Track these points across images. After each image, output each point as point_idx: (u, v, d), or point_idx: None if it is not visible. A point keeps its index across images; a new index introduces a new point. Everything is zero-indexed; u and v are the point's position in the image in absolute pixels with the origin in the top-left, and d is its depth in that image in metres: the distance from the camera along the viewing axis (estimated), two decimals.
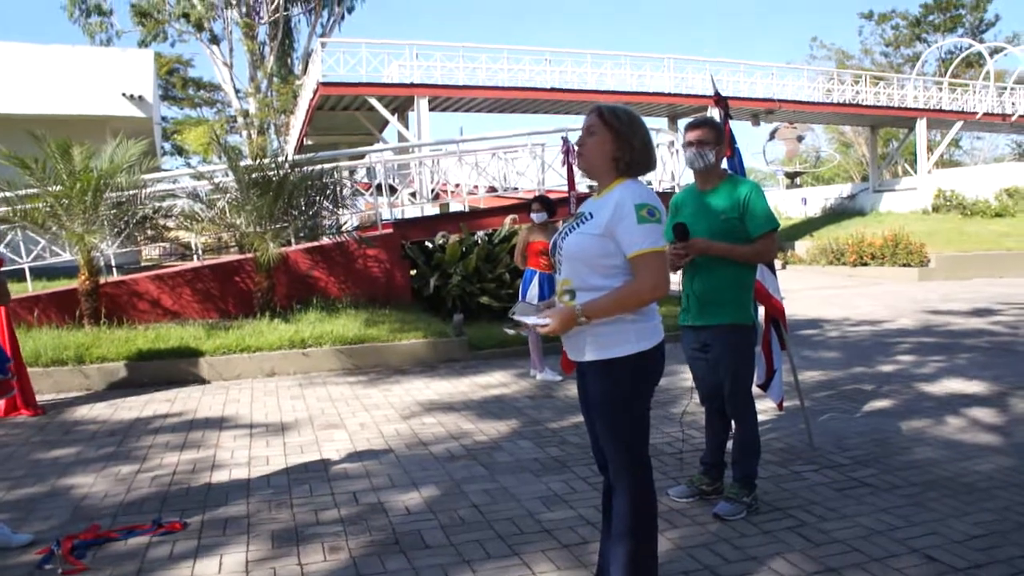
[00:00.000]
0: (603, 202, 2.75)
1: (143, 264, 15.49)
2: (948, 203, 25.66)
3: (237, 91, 32.55)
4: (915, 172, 31.02)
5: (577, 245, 2.74)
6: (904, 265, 20.08)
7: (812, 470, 4.69)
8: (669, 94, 24.75)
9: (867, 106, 28.01)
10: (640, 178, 2.82)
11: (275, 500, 4.33)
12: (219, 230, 9.87)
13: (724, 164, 4.29)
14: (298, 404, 6.87)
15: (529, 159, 13.56)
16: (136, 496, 4.49)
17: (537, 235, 7.95)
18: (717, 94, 5.24)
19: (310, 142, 25.81)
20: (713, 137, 3.96)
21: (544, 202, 7.93)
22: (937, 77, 34.09)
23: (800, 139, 45.36)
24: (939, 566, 3.34)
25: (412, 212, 14.39)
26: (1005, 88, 31.58)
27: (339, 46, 21.54)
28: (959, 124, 30.12)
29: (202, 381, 7.95)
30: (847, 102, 27.94)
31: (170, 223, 10.09)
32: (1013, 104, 30.77)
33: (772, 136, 42.09)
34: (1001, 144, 54.80)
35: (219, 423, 6.22)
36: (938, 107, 29.36)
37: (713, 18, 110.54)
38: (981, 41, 41.50)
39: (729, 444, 4.23)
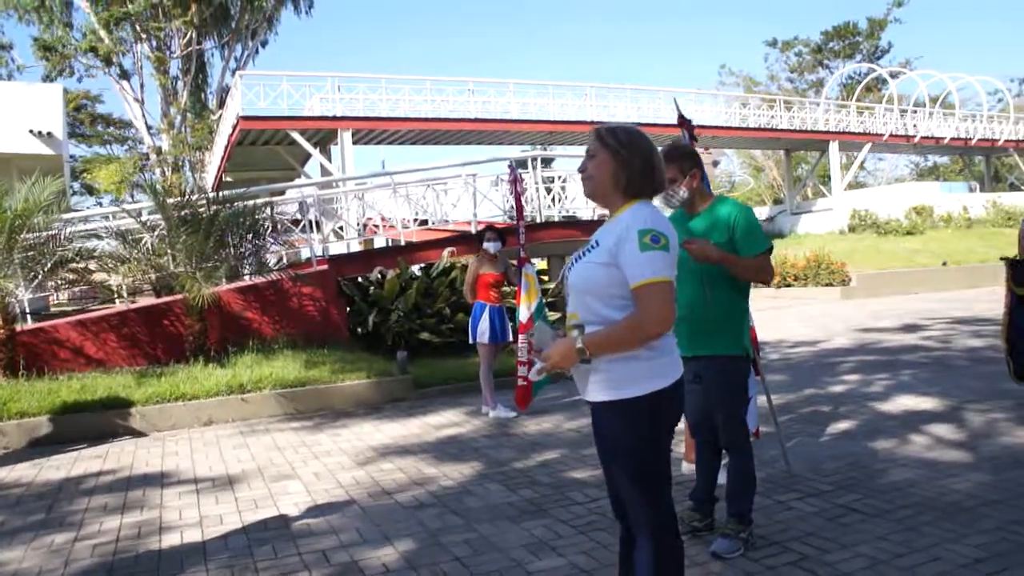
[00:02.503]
0: (610, 228, 2.56)
1: (52, 310, 14.63)
2: (863, 223, 26.55)
3: (149, 127, 31.47)
4: (827, 193, 32.09)
5: (583, 275, 2.54)
6: (827, 284, 20.59)
7: (797, 498, 4.57)
8: (591, 122, 24.95)
9: (783, 130, 28.87)
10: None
11: (237, 564, 3.95)
12: (145, 271, 9.33)
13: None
14: (243, 454, 6.45)
15: (461, 190, 13.38)
16: (77, 569, 4.04)
17: (487, 267, 7.74)
18: (681, 117, 5.14)
19: (229, 178, 25.10)
20: (676, 171, 3.77)
21: (497, 231, 7.73)
22: (841, 101, 35.43)
23: (715, 164, 46.62)
24: None
25: (339, 248, 13.98)
26: (906, 111, 33.05)
27: (259, 79, 21.06)
28: (868, 146, 31.33)
29: (135, 433, 7.42)
30: (763, 126, 28.73)
31: (91, 265, 9.50)
32: (915, 126, 32.20)
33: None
34: (901, 164, 57.51)
35: (159, 479, 5.76)
36: (848, 130, 30.48)
37: (624, 47, 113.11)
38: (874, 69, 43.47)
39: (720, 477, 4.06)
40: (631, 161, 2.55)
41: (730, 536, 3.78)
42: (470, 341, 7.84)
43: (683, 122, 5.05)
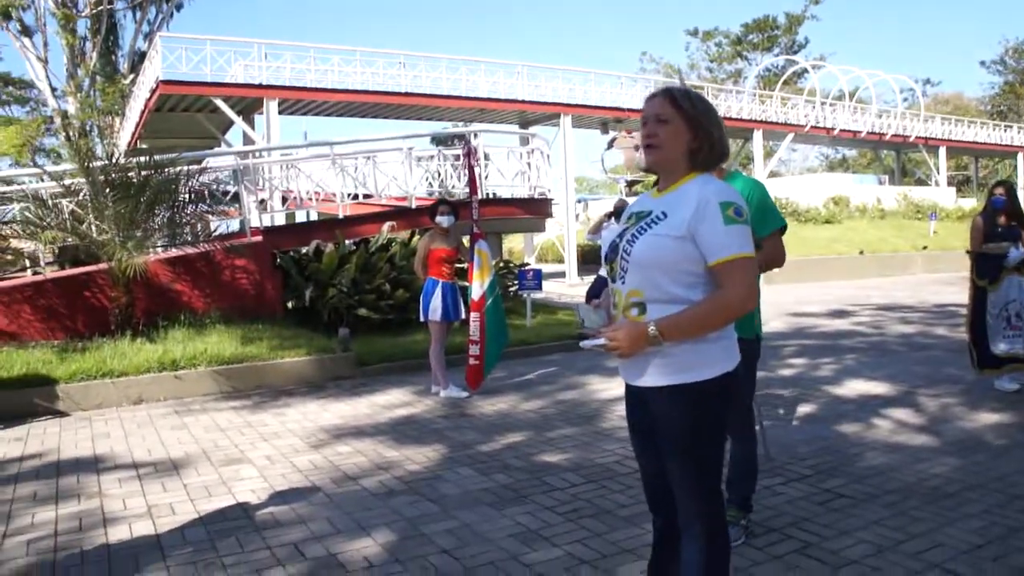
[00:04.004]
0: (676, 199, 2.31)
1: None
2: (784, 210, 27.05)
3: (54, 89, 29.62)
4: None
5: (652, 249, 2.27)
6: None
7: (782, 483, 4.47)
8: (522, 101, 24.66)
9: None
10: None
11: (201, 560, 3.58)
12: (65, 238, 8.62)
13: None
14: (183, 435, 6.00)
15: (398, 164, 12.94)
16: (11, 570, 3.60)
17: (439, 242, 7.42)
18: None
19: (144, 146, 23.84)
20: None
21: (450, 204, 7.41)
22: (765, 92, 36.13)
23: (638, 148, 46.98)
24: None
25: (264, 220, 13.35)
26: (825, 103, 33.94)
27: (180, 42, 19.88)
28: (790, 136, 32.02)
29: (57, 413, 6.84)
30: None
31: (6, 230, 8.73)
32: (834, 118, 33.08)
33: (610, 145, 43.23)
34: (812, 156, 59.35)
35: (93, 464, 5.28)
36: (771, 120, 31.06)
37: (547, 31, 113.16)
38: (793, 62, 44.59)
39: None
40: (711, 131, 2.33)
41: (732, 523, 3.61)
42: (421, 319, 7.54)
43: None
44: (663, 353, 2.27)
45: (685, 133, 2.32)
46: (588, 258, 24.83)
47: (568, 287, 20.92)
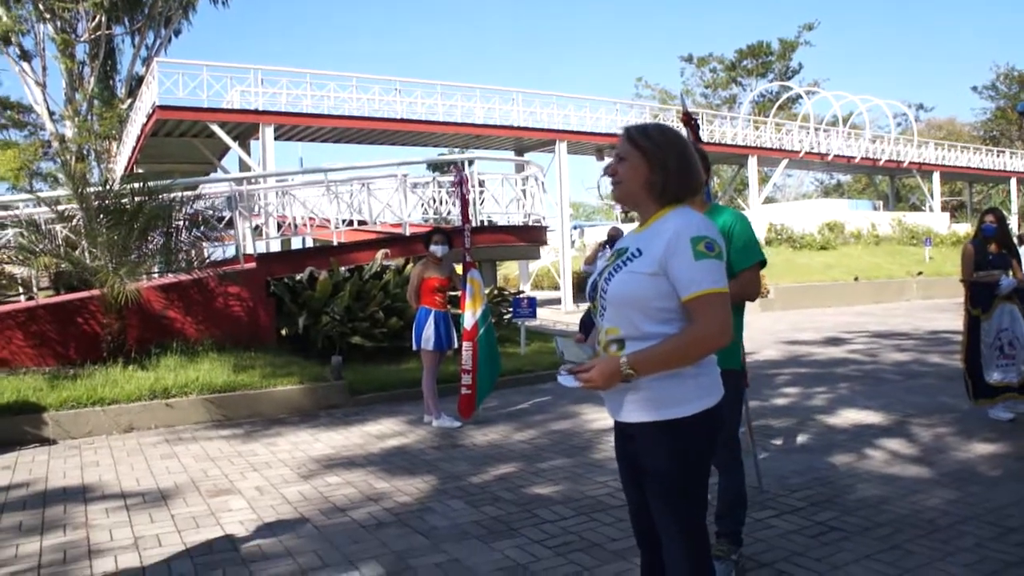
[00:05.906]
0: (650, 235, 2.33)
1: None
2: (779, 237, 27.16)
3: (52, 113, 29.72)
4: (744, 207, 32.85)
5: (626, 286, 2.30)
6: None
7: (773, 516, 4.44)
8: (517, 127, 24.79)
9: (704, 142, 29.32)
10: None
11: None
12: (57, 264, 8.61)
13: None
14: (172, 465, 5.96)
15: (393, 191, 12.99)
16: None
17: (432, 271, 7.42)
18: (687, 113, 4.78)
19: (140, 170, 23.89)
20: None
21: (444, 233, 7.42)
22: (759, 118, 36.37)
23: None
24: None
25: (259, 247, 13.39)
26: (818, 129, 34.17)
27: (177, 67, 19.99)
28: (784, 162, 32.19)
29: (46, 441, 6.79)
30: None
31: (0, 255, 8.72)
32: (828, 144, 33.31)
33: (606, 171, 43.43)
34: (807, 181, 59.65)
35: (81, 493, 5.24)
36: (765, 146, 31.25)
37: (542, 59, 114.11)
38: (787, 87, 44.96)
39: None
40: (667, 162, 2.34)
41: (722, 558, 3.59)
42: (414, 348, 7.52)
43: (688, 120, 4.68)
44: (638, 388, 2.27)
45: (642, 167, 2.35)
46: (584, 285, 24.89)
47: (564, 314, 20.93)
